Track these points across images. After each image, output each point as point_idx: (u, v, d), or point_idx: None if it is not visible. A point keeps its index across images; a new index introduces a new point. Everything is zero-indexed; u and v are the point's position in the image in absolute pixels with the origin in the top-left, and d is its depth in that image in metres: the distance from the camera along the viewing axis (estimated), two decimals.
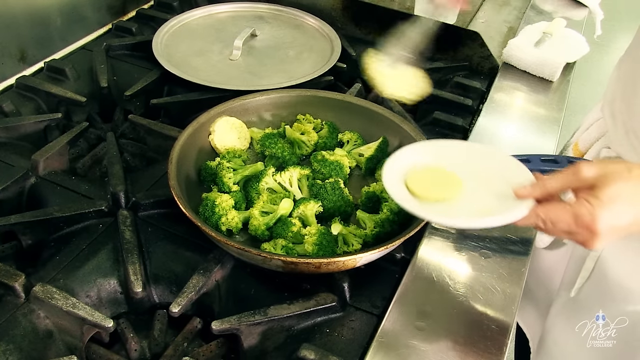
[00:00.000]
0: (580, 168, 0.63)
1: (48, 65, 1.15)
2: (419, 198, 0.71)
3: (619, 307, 0.88)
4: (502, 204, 0.68)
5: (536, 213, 0.65)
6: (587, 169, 0.63)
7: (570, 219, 0.62)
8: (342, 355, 0.68)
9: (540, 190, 0.66)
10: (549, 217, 0.64)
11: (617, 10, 2.71)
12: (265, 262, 0.73)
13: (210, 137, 0.92)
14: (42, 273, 0.76)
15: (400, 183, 0.73)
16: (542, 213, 0.65)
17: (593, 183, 0.62)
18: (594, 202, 0.61)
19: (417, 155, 0.77)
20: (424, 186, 0.72)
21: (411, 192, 0.72)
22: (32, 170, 0.91)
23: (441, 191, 0.72)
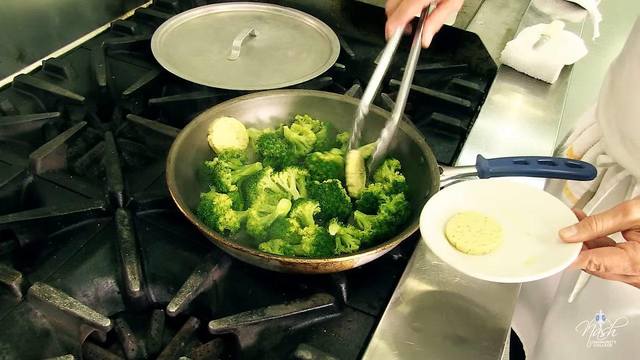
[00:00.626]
0: (630, 209, 0.61)
1: (46, 64, 1.15)
2: (461, 251, 0.69)
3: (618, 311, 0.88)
4: (548, 249, 0.66)
5: (589, 259, 0.62)
6: (638, 210, 0.61)
7: (628, 265, 0.61)
8: (339, 355, 0.68)
9: (587, 234, 0.63)
10: (604, 263, 0.62)
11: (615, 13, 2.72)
12: (263, 262, 0.73)
13: (209, 137, 0.92)
14: (39, 272, 0.76)
15: (439, 233, 0.71)
16: (595, 259, 0.62)
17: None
18: None
19: (452, 199, 0.75)
20: (465, 239, 0.69)
21: (452, 244, 0.70)
22: (30, 169, 0.91)
23: (483, 244, 0.69)
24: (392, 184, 0.87)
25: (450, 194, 0.76)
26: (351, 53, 1.30)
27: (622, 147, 0.87)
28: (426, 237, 0.69)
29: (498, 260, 0.68)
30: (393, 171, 0.91)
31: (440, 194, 0.76)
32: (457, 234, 0.70)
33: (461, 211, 0.73)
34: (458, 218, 0.72)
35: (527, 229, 0.70)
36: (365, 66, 1.30)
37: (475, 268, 0.66)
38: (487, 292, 0.77)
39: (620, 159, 0.89)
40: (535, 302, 1.15)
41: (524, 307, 1.18)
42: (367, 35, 1.38)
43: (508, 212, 0.72)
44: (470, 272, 0.65)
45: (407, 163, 0.92)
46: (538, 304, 1.14)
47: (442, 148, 1.04)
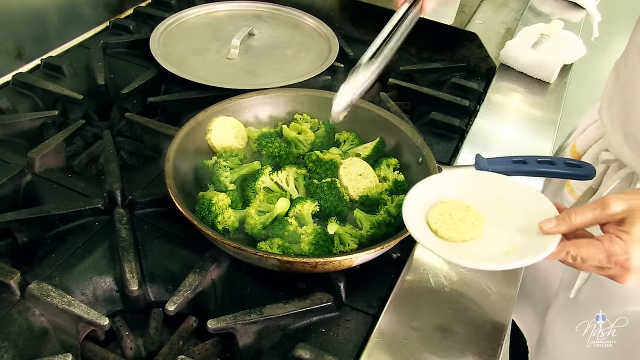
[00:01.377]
0: (609, 203, 0.62)
1: (45, 62, 1.14)
2: (442, 238, 0.70)
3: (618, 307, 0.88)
4: (528, 240, 0.66)
5: (566, 250, 0.63)
6: (616, 204, 0.62)
7: (603, 257, 0.61)
8: (338, 354, 0.68)
9: (567, 225, 0.64)
10: (580, 254, 0.63)
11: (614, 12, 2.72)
12: (262, 262, 0.73)
13: (208, 136, 0.92)
14: (37, 271, 0.76)
15: (421, 220, 0.71)
16: (572, 250, 0.63)
17: (622, 217, 0.61)
18: (627, 239, 0.60)
19: (436, 188, 0.75)
20: (446, 226, 0.70)
21: (433, 231, 0.70)
22: (28, 167, 0.90)
23: (464, 232, 0.69)
24: (392, 182, 0.87)
25: (434, 184, 0.76)
26: (350, 52, 1.30)
27: (624, 145, 0.87)
28: (408, 222, 0.69)
29: (478, 249, 0.68)
30: (392, 170, 0.91)
31: (424, 182, 0.76)
32: (439, 221, 0.71)
33: (444, 200, 0.74)
34: (440, 206, 0.73)
35: (509, 220, 0.71)
36: None
37: (455, 254, 0.67)
38: (486, 291, 0.77)
39: (623, 156, 0.89)
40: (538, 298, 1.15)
41: (527, 302, 1.18)
42: (365, 34, 1.38)
43: (490, 204, 0.73)
44: (449, 258, 0.66)
45: (406, 162, 0.92)
46: (540, 299, 1.14)
47: (441, 147, 1.04)
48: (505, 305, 0.75)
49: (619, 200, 0.62)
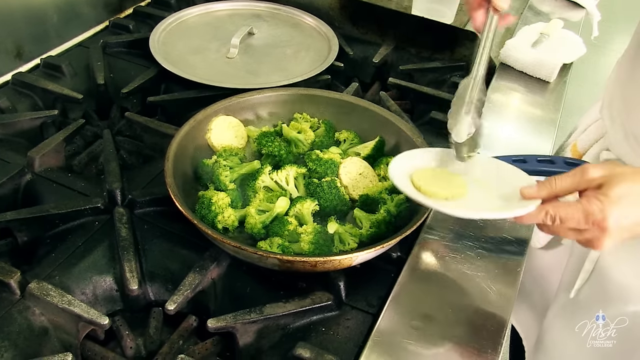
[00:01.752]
0: (587, 169, 0.64)
1: (44, 61, 1.14)
2: (424, 194, 0.72)
3: (618, 307, 0.88)
4: (509, 203, 0.69)
5: (545, 210, 0.65)
6: (595, 170, 0.64)
7: (581, 216, 0.63)
8: (338, 354, 0.68)
9: (547, 190, 0.66)
10: (559, 214, 0.64)
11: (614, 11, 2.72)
12: (262, 261, 0.73)
13: (208, 135, 0.92)
14: (37, 270, 0.76)
15: (406, 177, 0.74)
16: (551, 210, 0.65)
17: (600, 183, 0.63)
18: (604, 200, 0.62)
19: (423, 157, 0.78)
20: (429, 182, 0.72)
21: (416, 187, 0.73)
22: (28, 167, 0.90)
23: (446, 189, 0.72)
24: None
25: (422, 153, 0.79)
26: (350, 51, 1.30)
27: (625, 144, 0.87)
28: (393, 176, 0.73)
29: (460, 206, 0.71)
30: None
31: (414, 151, 0.79)
32: (423, 179, 0.73)
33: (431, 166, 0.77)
34: (425, 170, 0.76)
35: (492, 189, 0.73)
36: (364, 64, 1.30)
37: (436, 203, 0.70)
38: (486, 290, 0.77)
39: (623, 155, 0.89)
40: (536, 298, 1.15)
41: (525, 303, 1.18)
42: (365, 33, 1.38)
43: (475, 178, 0.75)
44: (431, 204, 0.70)
45: None
46: (539, 299, 1.14)
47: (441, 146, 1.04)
48: (505, 305, 0.75)
49: (598, 168, 0.64)
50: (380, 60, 1.27)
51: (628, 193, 0.62)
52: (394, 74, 1.23)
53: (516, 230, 0.85)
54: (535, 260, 1.12)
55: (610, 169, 0.64)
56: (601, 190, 0.63)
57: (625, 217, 0.62)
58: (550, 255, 1.09)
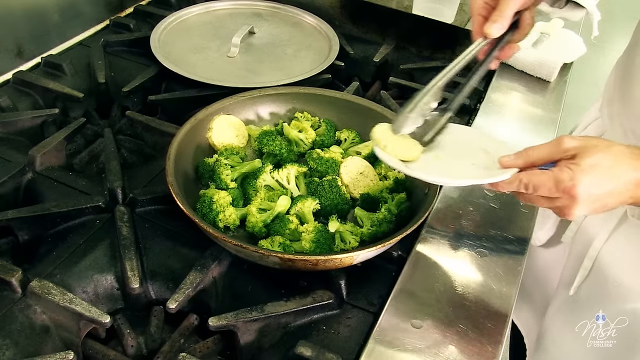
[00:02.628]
0: (563, 139, 0.66)
1: (45, 60, 1.14)
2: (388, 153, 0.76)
3: (618, 305, 0.88)
4: (487, 172, 0.70)
5: (519, 178, 0.67)
6: (569, 141, 0.65)
7: (552, 184, 0.64)
8: (339, 352, 0.68)
9: (523, 159, 0.68)
10: (532, 182, 0.66)
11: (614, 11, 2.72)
12: (263, 259, 0.73)
13: (209, 134, 0.92)
14: (38, 268, 0.76)
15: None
16: (524, 178, 0.67)
17: (574, 153, 0.65)
18: (575, 169, 0.63)
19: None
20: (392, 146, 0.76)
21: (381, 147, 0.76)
22: (29, 165, 0.90)
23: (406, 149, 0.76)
24: (393, 181, 0.88)
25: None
26: (350, 51, 1.30)
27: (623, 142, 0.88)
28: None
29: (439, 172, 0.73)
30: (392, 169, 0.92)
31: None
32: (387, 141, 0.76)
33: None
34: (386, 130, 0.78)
35: (471, 159, 0.75)
36: (364, 64, 1.30)
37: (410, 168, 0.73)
38: (486, 289, 0.77)
39: None
40: (536, 296, 1.15)
41: (525, 300, 1.18)
42: (366, 33, 1.38)
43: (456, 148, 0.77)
44: (406, 170, 0.73)
45: None
46: (539, 297, 1.14)
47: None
48: (506, 304, 0.75)
49: (572, 139, 0.66)
50: (381, 59, 1.27)
51: (599, 163, 0.63)
52: (394, 73, 1.23)
53: (517, 229, 0.86)
54: (535, 259, 1.13)
55: (585, 140, 0.65)
56: (574, 160, 0.64)
57: (596, 186, 0.63)
58: (550, 253, 1.09)
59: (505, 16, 0.79)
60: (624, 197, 0.65)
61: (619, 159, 0.64)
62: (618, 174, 0.64)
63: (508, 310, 0.75)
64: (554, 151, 0.67)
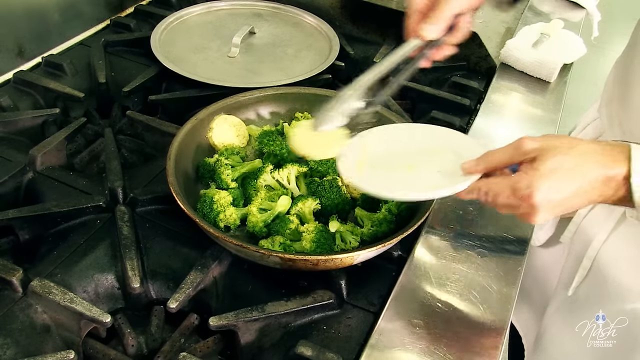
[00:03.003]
0: (523, 141, 0.64)
1: (46, 60, 1.15)
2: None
3: (617, 305, 0.88)
4: (449, 179, 0.69)
5: (478, 186, 0.66)
6: (529, 142, 0.63)
7: (509, 192, 0.63)
8: (339, 352, 0.68)
9: (484, 164, 0.66)
10: (490, 189, 0.65)
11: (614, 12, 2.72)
12: (263, 259, 0.74)
13: (209, 134, 0.92)
14: (39, 268, 0.76)
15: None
16: (483, 186, 0.65)
17: (534, 156, 0.63)
18: (532, 174, 0.61)
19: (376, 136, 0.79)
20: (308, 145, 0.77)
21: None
22: (29, 165, 0.91)
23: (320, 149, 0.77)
24: None
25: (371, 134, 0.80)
26: (350, 51, 1.30)
27: None
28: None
29: (401, 183, 0.71)
30: None
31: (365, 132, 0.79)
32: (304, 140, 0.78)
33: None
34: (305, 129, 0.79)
35: (437, 164, 0.73)
36: (365, 64, 1.30)
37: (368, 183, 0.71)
38: (487, 290, 0.77)
39: None
40: (535, 296, 1.15)
41: (524, 301, 1.18)
42: (366, 33, 1.38)
43: (426, 150, 0.75)
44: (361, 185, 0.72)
45: None
46: (538, 298, 1.14)
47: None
48: (506, 304, 0.76)
49: (533, 141, 0.63)
50: (381, 59, 1.27)
51: (560, 166, 0.61)
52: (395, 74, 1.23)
53: (517, 229, 0.86)
54: (534, 259, 1.13)
55: (546, 141, 0.63)
56: (533, 164, 0.62)
57: (555, 192, 0.61)
58: (549, 253, 1.09)
59: (443, 18, 0.77)
60: (592, 195, 0.62)
61: (584, 158, 0.62)
62: (583, 173, 0.61)
63: (508, 310, 0.75)
64: (514, 154, 0.65)
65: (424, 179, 0.71)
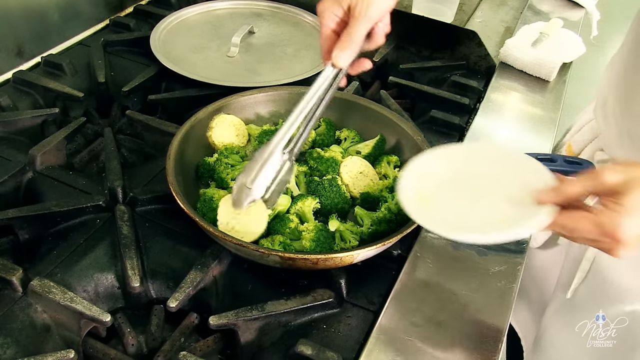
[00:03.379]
0: (603, 173, 0.61)
1: (45, 60, 1.15)
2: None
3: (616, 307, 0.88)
4: (521, 211, 0.65)
5: (562, 223, 0.62)
6: (610, 175, 0.60)
7: (593, 228, 0.60)
8: (339, 350, 0.68)
9: (562, 197, 0.63)
10: (572, 226, 0.62)
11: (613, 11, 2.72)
12: (263, 258, 0.74)
13: (209, 133, 0.92)
14: (39, 267, 0.76)
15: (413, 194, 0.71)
16: (568, 223, 0.62)
17: (616, 190, 0.60)
18: (618, 210, 0.59)
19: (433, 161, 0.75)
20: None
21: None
22: (29, 164, 0.91)
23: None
24: (393, 180, 0.88)
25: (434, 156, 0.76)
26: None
27: (619, 143, 0.88)
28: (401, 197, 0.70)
29: (467, 219, 0.67)
30: (393, 168, 0.92)
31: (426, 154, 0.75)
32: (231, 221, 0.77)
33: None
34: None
35: (504, 191, 0.69)
36: None
37: (438, 224, 0.66)
38: (486, 288, 0.77)
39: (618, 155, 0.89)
40: (534, 297, 1.15)
41: (523, 302, 1.18)
42: None
43: (488, 175, 0.71)
44: (432, 227, 0.66)
45: (407, 160, 0.92)
46: (537, 299, 1.14)
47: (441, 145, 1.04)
48: (505, 303, 0.76)
49: (614, 172, 0.61)
50: (381, 59, 1.27)
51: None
52: (394, 73, 1.23)
53: None
54: (533, 259, 1.13)
55: (627, 173, 0.60)
56: (616, 198, 0.59)
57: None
58: (548, 254, 1.09)
59: (356, 41, 0.73)
60: None
61: None
62: None
63: (507, 310, 0.75)
64: (594, 186, 0.61)
65: (493, 211, 0.66)
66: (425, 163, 0.74)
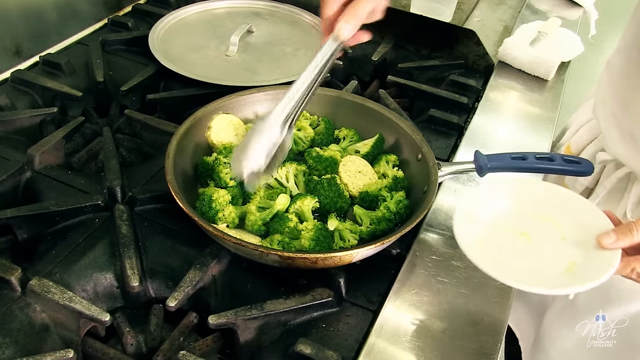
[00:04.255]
0: None
1: (43, 59, 1.14)
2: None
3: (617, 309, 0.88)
4: (587, 256, 0.64)
5: (631, 266, 0.61)
6: None
7: None
8: (338, 350, 0.68)
9: (629, 241, 0.62)
10: None
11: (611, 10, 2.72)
12: (262, 257, 0.74)
13: (207, 133, 0.92)
14: (38, 267, 0.76)
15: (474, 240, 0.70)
16: (638, 267, 0.61)
17: None
18: None
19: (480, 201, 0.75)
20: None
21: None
22: (27, 164, 0.90)
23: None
24: (392, 179, 0.88)
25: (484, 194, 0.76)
26: (348, 50, 1.30)
27: (621, 143, 0.87)
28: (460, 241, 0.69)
29: (536, 267, 0.66)
30: (391, 167, 0.92)
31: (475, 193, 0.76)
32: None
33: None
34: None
35: (562, 233, 0.68)
36: (363, 62, 1.30)
37: (513, 276, 0.65)
38: (486, 287, 0.77)
39: (620, 156, 0.89)
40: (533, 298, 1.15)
41: (521, 303, 1.18)
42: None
43: (542, 215, 0.71)
44: (507, 281, 0.65)
45: (405, 159, 0.93)
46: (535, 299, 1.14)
47: (440, 144, 1.05)
48: (504, 302, 0.76)
49: None
50: (379, 58, 1.27)
51: None
52: (392, 72, 1.23)
53: None
54: None
55: None
56: None
57: None
58: None
59: (361, 15, 0.74)
60: None
61: None
62: None
63: (506, 308, 0.75)
64: None
65: (559, 257, 0.66)
66: (473, 204, 0.74)
